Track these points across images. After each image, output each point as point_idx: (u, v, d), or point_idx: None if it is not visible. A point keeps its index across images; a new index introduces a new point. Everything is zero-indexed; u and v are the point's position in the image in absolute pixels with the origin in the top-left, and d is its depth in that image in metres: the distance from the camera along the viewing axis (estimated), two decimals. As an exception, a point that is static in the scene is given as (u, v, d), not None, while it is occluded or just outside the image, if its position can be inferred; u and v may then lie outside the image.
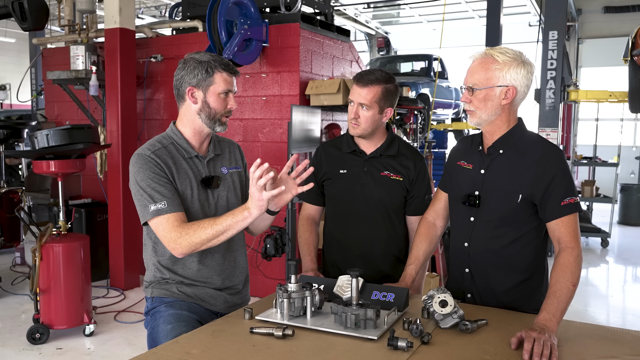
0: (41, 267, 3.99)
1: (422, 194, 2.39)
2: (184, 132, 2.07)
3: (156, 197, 1.91)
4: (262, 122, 5.05)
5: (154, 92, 5.72)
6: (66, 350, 3.95)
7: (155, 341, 1.94)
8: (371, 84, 2.27)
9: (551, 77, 6.84)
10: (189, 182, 2.02)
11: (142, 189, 1.93)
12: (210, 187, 2.06)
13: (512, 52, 1.88)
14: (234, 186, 2.16)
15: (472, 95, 1.90)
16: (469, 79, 1.91)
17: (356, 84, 2.30)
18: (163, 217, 1.90)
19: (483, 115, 1.91)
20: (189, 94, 2.01)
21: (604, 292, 6.14)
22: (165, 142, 2.05)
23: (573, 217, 1.87)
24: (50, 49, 6.68)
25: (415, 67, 10.36)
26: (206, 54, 2.02)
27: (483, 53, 1.91)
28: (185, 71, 2.00)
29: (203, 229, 1.87)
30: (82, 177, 6.19)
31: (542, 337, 1.58)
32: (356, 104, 2.29)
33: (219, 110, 2.01)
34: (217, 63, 2.00)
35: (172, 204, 1.92)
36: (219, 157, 2.15)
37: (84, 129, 4.07)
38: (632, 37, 6.06)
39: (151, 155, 1.97)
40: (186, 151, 2.05)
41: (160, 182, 1.93)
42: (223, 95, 2.01)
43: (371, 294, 1.96)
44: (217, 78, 1.99)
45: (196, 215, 2.01)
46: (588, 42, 12.98)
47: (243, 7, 4.74)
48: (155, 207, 1.90)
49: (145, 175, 1.94)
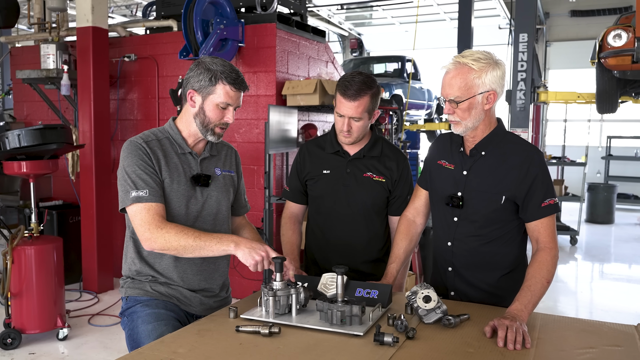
0: (12, 270, 3.89)
1: (404, 194, 2.41)
2: (181, 130, 2.06)
3: (139, 184, 1.91)
4: (239, 122, 5.03)
5: (128, 92, 5.64)
6: (39, 355, 3.86)
7: (136, 342, 1.91)
8: (359, 96, 2.21)
9: (521, 78, 7.00)
10: (177, 177, 2.01)
11: (127, 174, 1.92)
12: (199, 185, 2.05)
13: (485, 56, 1.88)
14: (225, 188, 2.15)
15: (456, 107, 1.91)
16: (449, 91, 1.89)
17: (344, 98, 2.23)
18: (142, 205, 1.89)
19: (469, 124, 1.93)
20: (189, 96, 2.01)
21: (573, 288, 6.31)
22: (160, 136, 2.05)
23: (551, 218, 1.93)
24: (19, 48, 6.52)
25: (388, 69, 10.46)
26: (220, 63, 1.98)
27: (456, 62, 1.89)
28: (194, 73, 1.99)
29: (185, 235, 1.86)
30: (53, 178, 6.06)
31: (514, 325, 1.64)
32: (347, 118, 2.25)
33: (213, 120, 2.00)
34: (224, 75, 1.96)
35: (154, 193, 1.91)
36: (214, 158, 2.14)
37: (57, 129, 3.98)
38: (599, 40, 6.25)
39: (142, 144, 1.97)
40: (180, 147, 2.04)
41: (146, 171, 1.93)
42: (221, 106, 1.99)
43: (355, 291, 1.98)
44: (219, 89, 1.96)
45: (179, 211, 2.00)
46: (556, 45, 13.31)
47: (219, 7, 4.72)
48: (137, 193, 1.90)
49: (132, 161, 1.94)
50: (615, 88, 6.62)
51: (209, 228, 2.08)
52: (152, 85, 5.46)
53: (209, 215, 2.09)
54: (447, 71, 1.91)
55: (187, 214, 2.02)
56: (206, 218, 2.08)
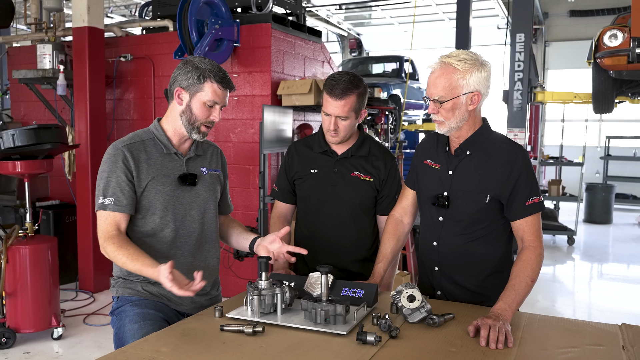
0: (7, 269, 3.90)
1: (392, 193, 2.41)
2: (166, 130, 2.08)
3: (108, 191, 1.96)
4: (234, 122, 5.04)
5: (124, 91, 5.65)
6: (34, 355, 3.87)
7: (121, 341, 1.93)
8: (346, 95, 2.23)
9: (518, 78, 6.99)
10: (162, 178, 2.02)
11: (102, 178, 1.98)
12: (187, 184, 2.06)
13: (470, 57, 1.88)
14: (212, 187, 2.17)
15: (439, 107, 1.92)
16: (433, 91, 1.91)
17: (330, 97, 2.25)
18: (105, 213, 1.96)
19: (452, 124, 1.93)
20: (176, 94, 2.02)
21: (570, 288, 6.31)
22: (145, 137, 2.06)
23: (536, 217, 1.93)
24: (16, 48, 6.54)
25: (386, 69, 10.46)
26: (208, 62, 2.02)
27: (441, 62, 1.90)
28: (182, 71, 2.01)
29: (120, 254, 1.89)
30: (50, 178, 6.07)
31: (497, 324, 1.64)
32: (333, 117, 2.27)
33: (200, 118, 2.02)
34: (213, 74, 1.99)
35: (118, 203, 1.95)
36: (200, 158, 2.16)
37: (51, 128, 3.99)
38: (595, 40, 6.25)
39: (123, 149, 1.99)
40: (165, 147, 2.06)
41: (118, 178, 1.96)
42: (208, 105, 2.01)
43: (341, 291, 1.98)
44: (207, 87, 1.99)
45: (165, 211, 2.01)
46: (554, 45, 13.30)
47: (214, 7, 4.73)
48: (103, 201, 1.96)
49: (108, 167, 1.98)
50: (611, 88, 6.62)
51: (197, 227, 2.10)
52: (148, 85, 5.47)
53: (198, 214, 2.10)
54: (432, 71, 1.92)
55: (174, 214, 2.03)
56: (195, 217, 2.09)
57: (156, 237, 2.03)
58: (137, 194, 2.00)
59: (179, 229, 2.04)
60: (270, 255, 2.06)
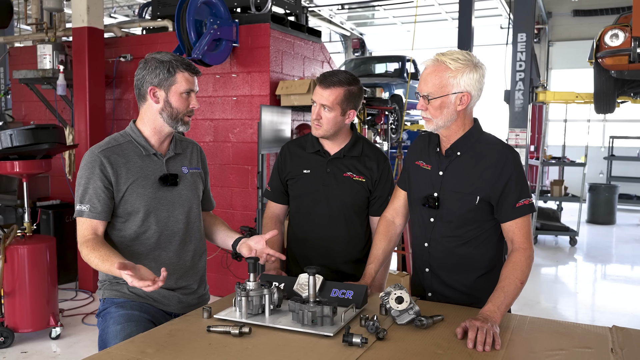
0: (5, 269, 3.92)
1: (385, 194, 2.40)
2: (143, 131, 2.07)
3: (85, 198, 1.97)
4: (233, 122, 5.04)
5: (124, 92, 5.66)
6: (31, 354, 3.88)
7: (104, 342, 1.93)
8: (333, 86, 2.26)
9: (520, 78, 6.97)
10: (142, 180, 2.02)
11: (80, 185, 1.99)
12: (168, 185, 2.06)
13: (464, 57, 1.87)
14: (194, 186, 2.17)
15: (428, 104, 1.91)
16: (424, 87, 1.91)
17: (319, 85, 2.29)
18: (82, 219, 1.97)
19: (440, 122, 1.93)
20: (150, 94, 2.01)
21: (572, 289, 6.27)
22: (122, 140, 2.06)
23: (526, 219, 1.92)
24: (17, 48, 6.56)
25: (388, 68, 10.43)
26: (167, 54, 2.03)
27: (435, 60, 1.90)
28: (147, 71, 2.00)
29: (95, 256, 1.86)
30: (51, 178, 6.09)
31: (485, 326, 1.63)
32: (318, 105, 2.29)
33: (181, 110, 2.03)
34: (179, 63, 2.01)
35: (94, 210, 1.96)
36: (180, 157, 2.16)
37: (49, 128, 4.00)
38: (596, 40, 6.21)
39: (100, 155, 1.99)
40: (144, 149, 2.05)
41: (94, 185, 1.96)
42: (185, 94, 2.02)
43: (330, 292, 1.97)
44: (179, 78, 2.00)
45: (147, 213, 2.01)
46: (558, 45, 13.24)
47: (212, 7, 4.73)
48: (80, 207, 1.97)
49: (85, 173, 1.99)
50: (613, 88, 6.58)
51: (182, 227, 2.10)
52: (147, 86, 5.46)
53: (181, 214, 2.10)
54: (426, 67, 1.92)
55: (157, 215, 2.03)
56: (178, 217, 2.09)
57: (139, 239, 2.03)
58: (117, 198, 2.00)
59: (163, 230, 2.04)
60: (252, 253, 2.07)
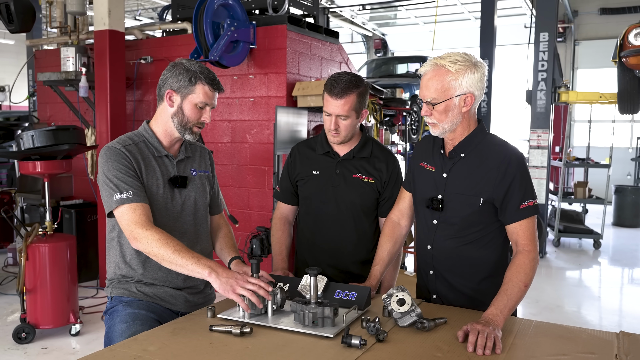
0: (27, 267, 4.02)
1: (394, 195, 2.38)
2: (156, 132, 2.10)
3: (122, 186, 1.93)
4: (250, 123, 5.08)
5: (144, 93, 5.75)
6: (51, 350, 3.98)
7: (110, 340, 1.97)
8: (346, 95, 2.23)
9: (542, 78, 6.87)
10: (156, 180, 2.04)
11: (109, 179, 1.94)
12: (177, 187, 2.09)
13: (463, 58, 1.86)
14: (202, 188, 2.19)
15: (432, 109, 1.90)
16: (426, 93, 1.89)
17: (330, 96, 2.25)
18: (128, 206, 1.91)
19: (446, 126, 1.92)
20: (167, 96, 2.05)
21: (596, 293, 6.14)
22: (137, 139, 2.08)
23: (531, 220, 1.89)
24: (42, 51, 6.72)
25: (410, 69, 10.38)
26: (197, 64, 2.04)
27: (434, 64, 1.88)
28: (171, 74, 2.04)
29: (166, 245, 1.86)
30: (74, 177, 6.22)
31: (487, 330, 1.61)
32: (334, 116, 2.27)
33: (192, 120, 2.05)
34: (203, 75, 2.02)
35: (137, 194, 1.93)
36: (190, 160, 2.19)
37: (69, 130, 4.10)
38: (620, 39, 6.08)
39: (121, 149, 2.00)
40: (156, 150, 2.08)
41: (128, 174, 1.96)
42: (199, 106, 2.04)
43: (334, 293, 1.98)
44: (198, 89, 2.02)
45: (159, 213, 2.03)
46: (584, 44, 12.98)
47: (230, 9, 4.77)
48: (121, 195, 1.91)
49: (112, 166, 1.96)
50: (637, 88, 6.42)
51: (190, 228, 2.12)
52: (167, 87, 5.54)
53: (188, 215, 2.12)
54: (425, 73, 1.90)
55: (166, 215, 2.06)
56: (186, 219, 2.11)
57: None
58: None
59: (171, 231, 2.06)
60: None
